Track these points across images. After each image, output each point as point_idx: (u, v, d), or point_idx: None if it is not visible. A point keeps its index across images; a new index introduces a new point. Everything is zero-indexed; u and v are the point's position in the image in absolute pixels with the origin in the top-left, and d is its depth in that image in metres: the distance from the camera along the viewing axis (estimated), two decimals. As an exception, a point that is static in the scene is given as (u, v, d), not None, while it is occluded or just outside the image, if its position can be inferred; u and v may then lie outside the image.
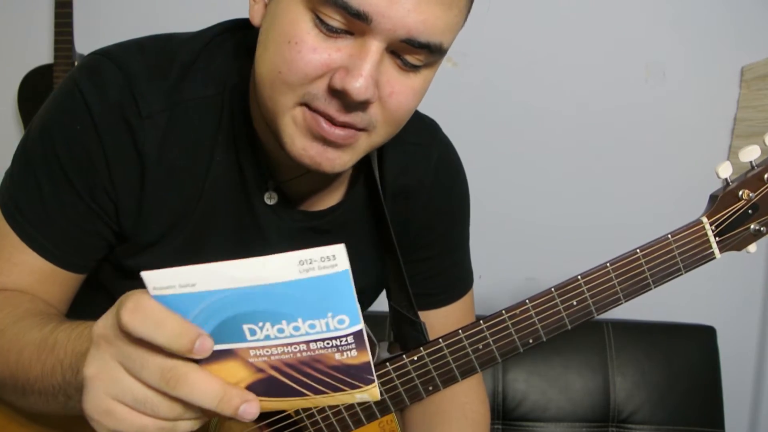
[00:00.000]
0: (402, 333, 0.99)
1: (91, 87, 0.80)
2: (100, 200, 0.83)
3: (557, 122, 1.90)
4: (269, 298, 0.50)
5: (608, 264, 0.83)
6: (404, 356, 0.85)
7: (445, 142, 1.02)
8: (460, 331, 0.85)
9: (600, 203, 1.93)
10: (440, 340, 0.85)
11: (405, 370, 0.86)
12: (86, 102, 0.79)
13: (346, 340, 0.52)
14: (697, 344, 1.62)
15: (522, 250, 1.96)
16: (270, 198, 0.88)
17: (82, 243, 0.86)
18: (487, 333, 0.84)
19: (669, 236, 0.83)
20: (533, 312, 0.83)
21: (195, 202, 0.85)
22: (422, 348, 0.86)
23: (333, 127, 0.72)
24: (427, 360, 0.85)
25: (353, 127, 0.73)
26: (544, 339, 0.85)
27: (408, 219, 0.99)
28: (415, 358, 0.85)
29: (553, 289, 0.83)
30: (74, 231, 0.84)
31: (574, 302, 0.83)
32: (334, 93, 0.70)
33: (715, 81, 1.85)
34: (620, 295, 0.83)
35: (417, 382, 0.86)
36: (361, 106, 0.72)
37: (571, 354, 1.60)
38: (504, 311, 0.84)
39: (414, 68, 0.72)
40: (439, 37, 0.70)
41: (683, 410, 1.57)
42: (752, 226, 0.83)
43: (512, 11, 1.83)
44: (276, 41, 0.71)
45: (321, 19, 0.68)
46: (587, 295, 0.83)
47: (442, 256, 1.03)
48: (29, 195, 0.83)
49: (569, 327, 0.84)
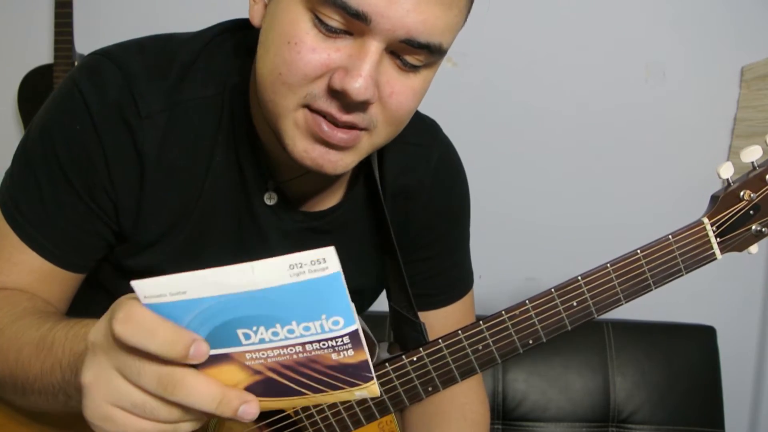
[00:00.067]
0: (402, 333, 0.99)
1: (91, 87, 0.80)
2: (100, 200, 0.83)
3: (557, 122, 1.89)
4: (261, 303, 0.49)
5: (608, 264, 0.83)
6: (404, 357, 0.85)
7: (446, 143, 1.02)
8: (460, 332, 0.85)
9: (600, 203, 1.93)
10: (440, 341, 0.85)
11: (404, 371, 0.86)
12: (86, 102, 0.79)
13: (342, 341, 0.52)
14: (697, 344, 1.62)
15: (522, 251, 1.96)
16: (270, 198, 0.88)
17: (82, 243, 0.86)
18: (487, 334, 0.84)
19: (670, 237, 0.82)
20: (533, 313, 0.83)
21: (195, 202, 0.85)
22: (422, 348, 0.85)
23: (335, 130, 0.72)
24: (427, 361, 0.85)
25: (355, 127, 0.73)
26: (544, 340, 0.84)
27: (408, 219, 0.99)
28: (415, 359, 0.85)
29: (553, 290, 0.83)
30: (74, 231, 0.84)
31: (574, 303, 0.83)
32: (334, 93, 0.70)
33: (715, 81, 1.85)
34: (620, 296, 0.83)
35: (416, 383, 0.86)
36: (361, 107, 0.71)
37: (571, 354, 1.60)
38: (504, 312, 0.84)
39: (414, 68, 0.72)
40: (439, 38, 0.70)
41: (683, 410, 1.57)
42: (754, 227, 0.83)
43: (512, 11, 1.83)
44: (276, 42, 0.71)
45: (320, 19, 0.68)
46: (587, 296, 0.83)
47: (442, 257, 1.03)
48: (29, 195, 0.83)
49: (569, 328, 0.84)
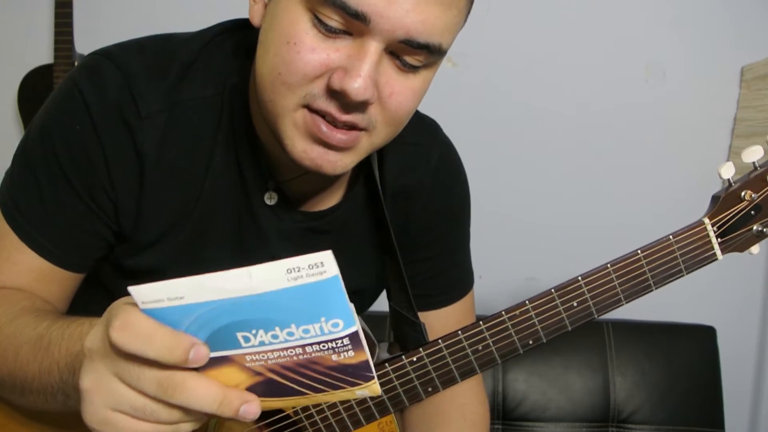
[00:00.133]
0: (402, 334, 0.99)
1: (91, 87, 0.80)
2: (100, 200, 0.83)
3: (557, 122, 1.89)
4: (260, 307, 0.49)
5: (609, 265, 0.82)
6: (403, 357, 0.85)
7: (446, 143, 1.02)
8: (460, 332, 0.85)
9: (600, 203, 1.93)
10: (439, 341, 0.85)
11: (404, 371, 0.86)
12: (85, 102, 0.79)
13: (342, 342, 0.52)
14: (697, 344, 1.62)
15: (522, 251, 1.96)
16: (270, 198, 0.88)
17: (82, 243, 0.85)
18: (487, 334, 0.84)
19: (670, 237, 0.82)
20: (533, 313, 0.83)
21: (194, 202, 0.85)
22: (421, 349, 0.85)
23: (333, 131, 0.72)
24: (427, 361, 0.85)
25: (355, 127, 0.73)
26: (544, 340, 0.84)
27: (408, 219, 0.99)
28: (415, 359, 0.85)
29: (554, 290, 0.83)
30: (73, 231, 0.84)
31: (575, 303, 0.83)
32: (333, 93, 0.70)
33: (715, 81, 1.85)
34: (621, 296, 0.83)
35: (416, 383, 0.86)
36: (361, 107, 0.71)
37: (571, 354, 1.60)
38: (504, 312, 0.83)
39: (413, 69, 0.72)
40: (438, 38, 0.69)
41: (683, 410, 1.57)
42: (755, 228, 0.83)
43: (512, 11, 1.83)
44: (275, 42, 0.71)
45: (320, 19, 0.68)
46: (588, 296, 0.83)
47: (442, 257, 1.03)
48: (29, 195, 0.83)
49: (569, 328, 0.84)
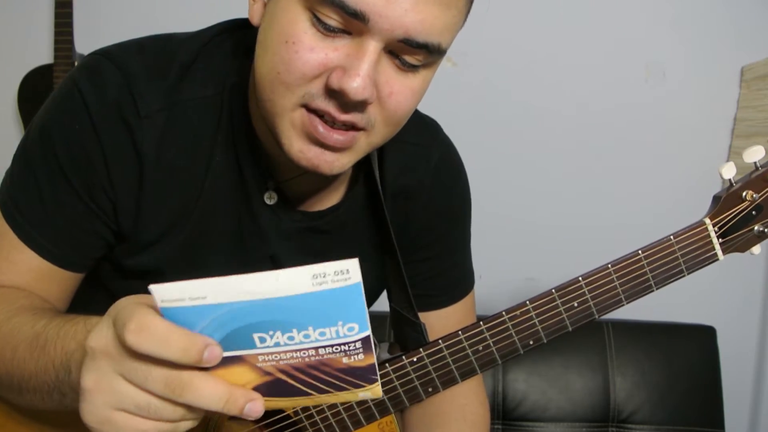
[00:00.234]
0: (402, 334, 0.99)
1: (90, 87, 0.80)
2: (99, 200, 0.83)
3: (557, 122, 1.89)
4: (281, 310, 0.50)
5: (609, 265, 0.82)
6: (404, 357, 0.85)
7: (446, 143, 1.02)
8: (460, 332, 0.85)
9: (600, 203, 1.93)
10: (440, 341, 0.85)
11: (404, 371, 0.85)
12: (85, 102, 0.79)
13: (355, 346, 0.53)
14: (697, 344, 1.62)
15: (522, 251, 1.96)
16: (270, 198, 0.88)
17: (81, 242, 0.85)
18: (487, 334, 0.84)
19: (671, 237, 0.82)
20: (534, 313, 0.83)
21: (194, 202, 0.85)
22: (422, 349, 0.85)
23: (330, 131, 0.72)
24: (427, 361, 0.85)
25: (354, 126, 0.73)
26: (545, 340, 0.84)
27: (408, 219, 0.99)
28: (415, 359, 0.85)
29: (554, 290, 0.83)
30: (73, 231, 0.84)
31: (575, 303, 0.83)
32: (332, 93, 0.70)
33: (715, 81, 1.85)
34: (622, 297, 0.83)
35: (416, 383, 0.86)
36: (360, 107, 0.71)
37: (571, 354, 1.60)
38: (504, 312, 0.83)
39: (413, 68, 0.72)
40: (438, 37, 0.69)
41: (683, 410, 1.57)
42: (756, 228, 0.83)
43: (512, 11, 1.83)
44: (274, 41, 0.71)
45: (318, 19, 0.68)
46: (588, 297, 0.82)
47: (443, 257, 1.03)
48: (29, 195, 0.83)
49: (570, 329, 0.84)
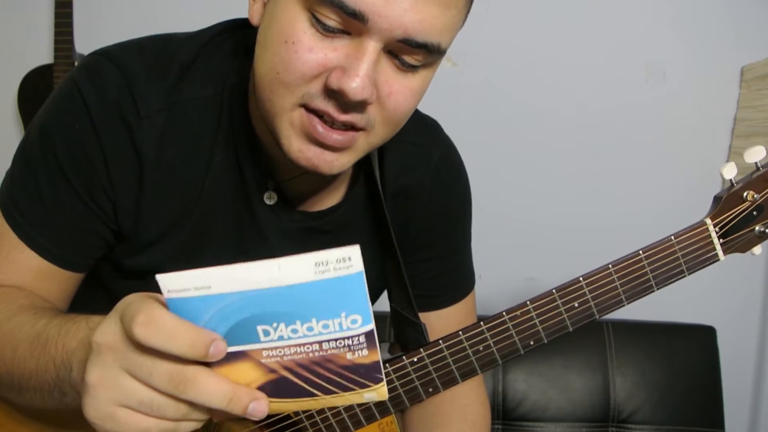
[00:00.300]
0: (402, 334, 0.99)
1: (90, 87, 0.80)
2: (99, 200, 0.83)
3: (557, 122, 1.89)
4: (284, 300, 0.51)
5: (610, 265, 0.82)
6: (404, 357, 0.85)
7: (447, 142, 1.02)
8: (461, 333, 0.84)
9: (600, 203, 1.93)
10: (440, 342, 0.85)
11: (405, 371, 0.85)
12: (85, 102, 0.79)
13: (358, 340, 0.53)
14: (697, 344, 1.62)
15: (522, 251, 1.96)
16: (269, 198, 0.88)
17: (81, 242, 0.85)
18: (488, 334, 0.84)
19: (672, 237, 0.82)
20: (534, 314, 0.83)
21: (194, 202, 0.85)
22: (422, 349, 0.85)
23: (330, 131, 0.72)
24: (427, 361, 0.85)
25: (353, 126, 0.73)
26: (545, 341, 0.84)
27: (408, 219, 0.99)
28: (415, 360, 0.85)
29: (555, 291, 0.83)
30: (73, 230, 0.84)
31: (576, 304, 0.83)
32: (331, 93, 0.70)
33: (715, 81, 1.85)
34: (622, 297, 0.83)
35: (417, 384, 0.86)
36: (359, 107, 0.71)
37: (572, 354, 1.60)
38: (504, 312, 0.83)
39: (412, 68, 0.72)
40: (437, 37, 0.69)
41: (683, 410, 1.57)
42: (757, 228, 0.83)
43: (512, 11, 1.83)
44: (273, 41, 0.71)
45: (318, 19, 0.68)
46: (589, 297, 0.82)
47: (443, 258, 1.03)
48: (29, 195, 0.83)
49: (571, 329, 0.84)
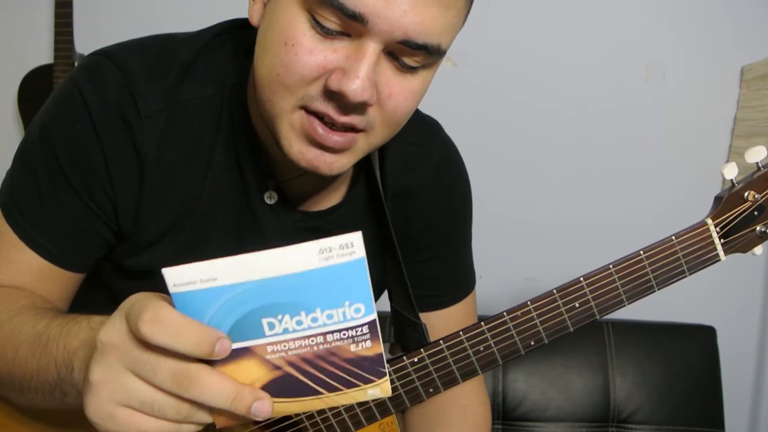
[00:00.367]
0: (403, 334, 0.99)
1: (91, 87, 0.80)
2: (99, 200, 0.83)
3: (557, 122, 1.89)
4: (289, 289, 0.51)
5: (611, 266, 0.82)
6: (404, 357, 0.85)
7: (447, 142, 1.02)
8: (461, 333, 0.84)
9: (600, 203, 1.93)
10: (441, 342, 0.85)
11: (405, 372, 0.85)
12: (85, 102, 0.79)
13: (362, 330, 0.54)
14: (697, 344, 1.61)
15: (522, 251, 1.96)
16: (270, 198, 0.88)
17: (81, 243, 0.85)
18: (488, 335, 0.84)
19: (673, 238, 0.82)
20: (535, 314, 0.83)
21: (195, 202, 0.85)
22: (423, 349, 0.85)
23: (329, 133, 0.72)
24: (428, 362, 0.85)
25: (353, 128, 0.73)
26: (546, 341, 0.84)
27: (409, 220, 0.99)
28: (416, 360, 0.85)
29: (555, 291, 0.83)
30: (73, 231, 0.84)
31: (576, 304, 0.83)
32: (331, 95, 0.70)
33: (715, 81, 1.85)
34: (623, 297, 0.83)
35: (417, 384, 0.86)
36: (359, 108, 0.71)
37: (572, 354, 1.60)
38: (505, 313, 0.83)
39: (412, 70, 0.72)
40: (437, 38, 0.69)
41: (683, 410, 1.57)
42: (758, 228, 0.83)
43: (512, 11, 1.83)
44: (273, 43, 0.71)
45: (317, 21, 0.68)
46: (590, 297, 0.82)
47: (444, 258, 1.03)
48: (29, 195, 0.83)
49: (571, 329, 0.84)
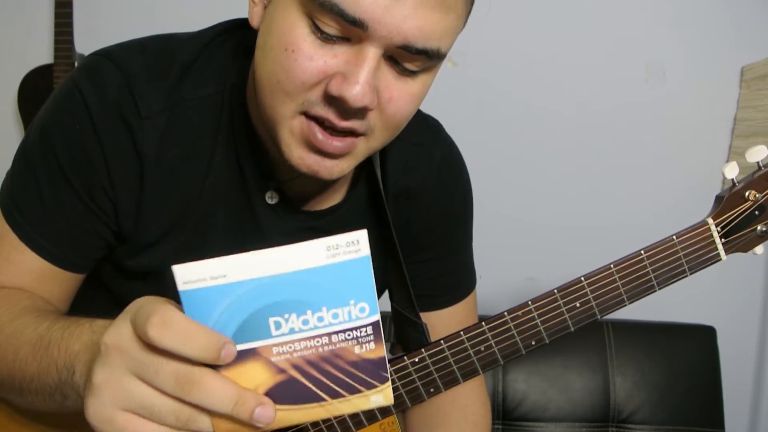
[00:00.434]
0: (404, 334, 0.99)
1: (91, 87, 0.80)
2: (99, 200, 0.83)
3: (557, 122, 1.89)
4: (297, 286, 0.52)
5: (612, 265, 0.82)
6: (405, 357, 0.85)
7: (448, 142, 1.02)
8: (462, 333, 0.84)
9: (600, 203, 1.93)
10: (441, 342, 0.85)
11: (406, 372, 0.85)
12: (85, 102, 0.79)
13: (366, 331, 0.55)
14: (697, 344, 1.62)
15: (522, 251, 1.96)
16: (271, 198, 0.88)
17: (81, 243, 0.85)
18: (489, 335, 0.84)
19: (674, 237, 0.82)
20: (536, 314, 0.83)
21: (195, 202, 0.85)
22: (423, 349, 0.85)
23: (329, 138, 0.72)
24: (429, 362, 0.85)
25: (353, 132, 0.73)
26: (547, 341, 0.84)
27: (410, 220, 0.99)
28: (417, 360, 0.85)
29: (556, 291, 0.82)
30: (73, 231, 0.84)
31: (577, 304, 0.83)
32: (331, 100, 0.70)
33: (715, 81, 1.85)
34: (624, 297, 0.83)
35: (418, 384, 0.86)
36: (360, 113, 0.71)
37: (572, 354, 1.60)
38: (506, 312, 0.83)
39: (412, 74, 0.72)
40: (437, 43, 0.69)
41: (683, 410, 1.57)
42: (759, 228, 0.83)
43: (512, 11, 1.83)
44: (274, 48, 0.71)
45: (317, 26, 0.68)
46: (590, 297, 0.82)
47: (445, 258, 1.03)
48: (29, 195, 0.83)
49: (572, 329, 0.84)
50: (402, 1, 0.65)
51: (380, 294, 1.05)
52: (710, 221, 0.83)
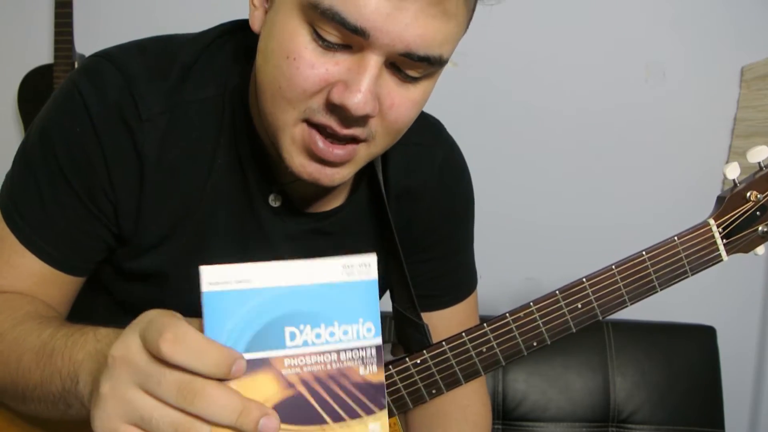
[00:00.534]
0: (405, 335, 0.99)
1: (91, 89, 0.79)
2: (100, 202, 0.83)
3: (557, 122, 1.89)
4: (314, 298, 0.55)
5: (613, 266, 0.82)
6: (407, 359, 0.85)
7: (450, 143, 1.02)
8: (464, 334, 0.84)
9: (600, 203, 1.93)
10: (443, 343, 0.85)
11: (408, 373, 0.85)
12: (85, 104, 0.79)
13: (371, 352, 0.57)
14: (697, 344, 1.62)
15: (522, 251, 1.95)
16: (275, 200, 0.88)
17: (82, 245, 0.85)
18: (491, 336, 0.84)
19: (675, 238, 0.82)
20: (537, 315, 0.83)
21: (196, 204, 0.85)
22: (425, 351, 0.85)
23: (330, 146, 0.72)
24: (431, 363, 0.85)
25: (355, 139, 0.73)
26: (549, 342, 0.84)
27: (411, 220, 0.99)
28: (418, 361, 0.85)
29: (558, 292, 0.83)
30: (73, 233, 0.84)
31: (579, 305, 0.83)
32: (333, 108, 0.70)
33: (715, 81, 1.85)
34: (625, 298, 0.83)
35: (420, 385, 0.86)
36: (361, 121, 0.71)
37: (572, 354, 1.60)
38: (508, 314, 0.83)
39: (413, 80, 0.72)
40: (438, 50, 0.69)
41: (683, 410, 1.57)
42: (760, 228, 0.83)
43: (512, 11, 1.83)
44: (275, 54, 0.70)
45: (318, 34, 0.67)
46: (592, 298, 0.82)
47: (446, 258, 1.03)
48: (29, 197, 0.82)
49: (574, 330, 0.84)
50: (403, 9, 0.65)
51: (381, 295, 1.05)
52: (712, 222, 0.83)
